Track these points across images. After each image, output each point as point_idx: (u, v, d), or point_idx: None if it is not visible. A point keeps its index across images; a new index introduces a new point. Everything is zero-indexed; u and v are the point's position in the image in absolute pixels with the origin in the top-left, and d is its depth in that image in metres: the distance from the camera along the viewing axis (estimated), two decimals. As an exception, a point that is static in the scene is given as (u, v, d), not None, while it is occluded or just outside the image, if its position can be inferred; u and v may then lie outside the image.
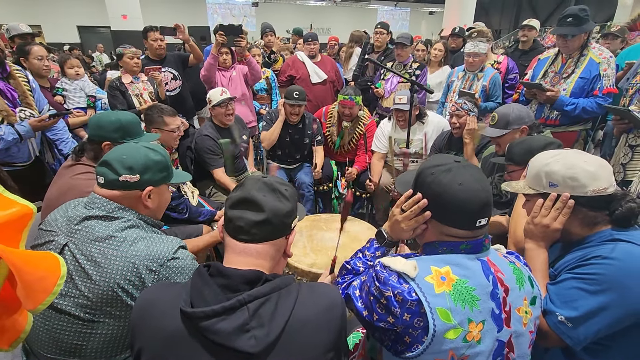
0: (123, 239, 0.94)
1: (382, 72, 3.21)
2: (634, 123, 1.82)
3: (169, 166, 1.11)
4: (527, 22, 3.45)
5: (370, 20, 4.37)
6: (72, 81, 2.91)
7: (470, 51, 2.72)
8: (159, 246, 0.96)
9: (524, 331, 0.81)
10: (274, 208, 0.75)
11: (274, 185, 0.79)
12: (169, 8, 13.85)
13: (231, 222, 0.75)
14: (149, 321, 0.71)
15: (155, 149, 1.08)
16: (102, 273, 0.90)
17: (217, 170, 2.37)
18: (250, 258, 0.75)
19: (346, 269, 1.03)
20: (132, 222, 1.00)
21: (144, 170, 1.02)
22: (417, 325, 0.73)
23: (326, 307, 0.74)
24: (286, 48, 4.49)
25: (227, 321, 0.65)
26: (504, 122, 1.76)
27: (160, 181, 1.08)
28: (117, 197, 1.01)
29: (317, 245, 1.81)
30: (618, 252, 0.87)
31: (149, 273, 0.92)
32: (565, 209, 0.94)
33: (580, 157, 0.95)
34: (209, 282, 0.70)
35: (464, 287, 0.76)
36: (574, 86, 2.18)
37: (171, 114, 1.97)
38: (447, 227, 0.83)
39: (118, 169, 1.00)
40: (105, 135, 1.43)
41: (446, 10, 9.51)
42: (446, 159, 0.86)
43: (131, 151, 1.03)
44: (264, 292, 0.69)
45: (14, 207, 0.70)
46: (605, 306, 0.84)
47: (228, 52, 2.97)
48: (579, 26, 2.09)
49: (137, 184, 1.01)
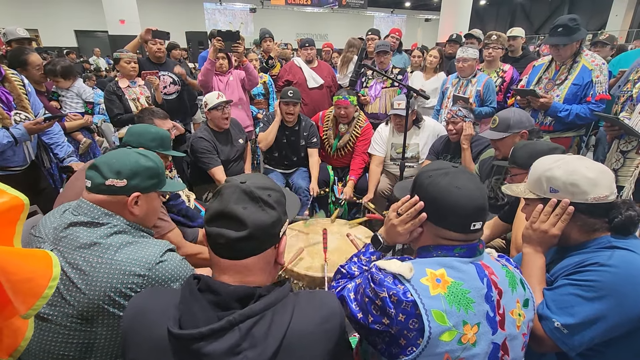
0: (108, 246, 0.91)
1: (364, 80, 3.25)
2: (624, 129, 1.85)
3: (161, 174, 1.08)
4: (510, 33, 3.52)
5: (366, 27, 4.46)
6: (67, 90, 2.90)
7: (460, 56, 2.76)
8: (145, 250, 0.93)
9: (517, 334, 0.82)
10: (256, 221, 0.67)
11: (255, 193, 0.69)
12: (166, 13, 13.91)
13: (211, 238, 0.69)
14: (140, 330, 0.68)
15: (148, 156, 1.05)
16: (89, 282, 0.87)
17: (216, 169, 2.31)
18: (239, 275, 0.69)
19: (341, 273, 1.03)
20: (119, 228, 0.97)
21: (132, 175, 0.99)
22: (412, 326, 0.73)
23: (325, 317, 0.71)
24: (285, 55, 4.52)
25: (217, 343, 0.61)
26: (505, 125, 1.77)
27: (149, 188, 1.04)
28: (103, 202, 0.97)
29: (313, 248, 1.81)
30: (615, 259, 0.87)
31: (137, 278, 0.89)
32: (565, 215, 0.94)
33: (582, 163, 0.94)
34: (198, 298, 0.65)
35: (459, 290, 0.76)
36: (567, 92, 2.21)
37: (162, 117, 1.97)
38: (442, 230, 0.84)
39: (105, 173, 0.97)
40: (142, 142, 1.53)
41: (442, 17, 9.63)
42: (444, 164, 0.88)
43: (122, 156, 1.01)
44: (256, 311, 0.64)
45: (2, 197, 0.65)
46: (602, 313, 0.84)
47: (225, 57, 2.99)
48: (569, 36, 2.12)
49: (123, 189, 0.98)
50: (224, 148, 2.46)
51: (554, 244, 1.01)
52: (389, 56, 3.16)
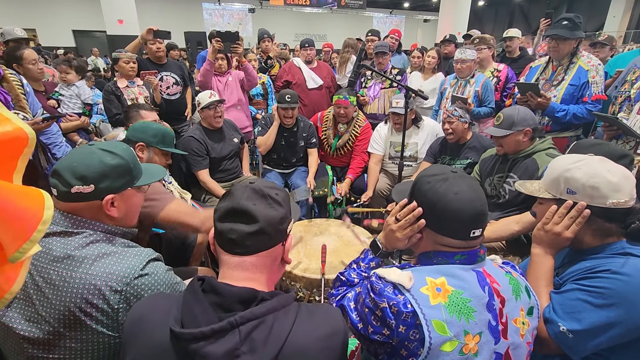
0: (82, 258, 0.84)
1: (363, 81, 3.26)
2: (623, 129, 1.85)
3: (133, 168, 0.97)
4: (506, 34, 3.52)
5: (365, 28, 4.47)
6: (68, 87, 2.91)
7: (458, 58, 2.77)
8: (124, 263, 0.85)
9: (521, 342, 0.80)
10: (266, 216, 0.70)
11: (264, 191, 0.73)
12: (165, 13, 13.87)
13: (222, 236, 0.71)
14: (140, 335, 0.68)
15: (114, 151, 0.94)
16: (58, 294, 0.82)
17: (201, 172, 2.38)
18: (246, 272, 0.71)
19: (340, 281, 1.02)
20: (94, 237, 0.89)
21: (99, 178, 0.89)
22: (413, 337, 0.72)
23: (326, 335, 0.69)
24: (284, 55, 4.51)
25: (216, 344, 0.61)
26: (509, 122, 1.77)
27: (122, 187, 0.95)
28: (76, 210, 0.89)
29: (310, 250, 1.81)
30: (629, 267, 0.84)
31: (113, 294, 0.82)
32: (580, 219, 0.90)
33: (604, 165, 0.90)
34: (201, 299, 0.66)
35: (460, 299, 0.75)
36: (564, 93, 2.22)
37: (148, 109, 1.98)
38: (442, 237, 0.83)
39: (69, 180, 0.86)
40: (144, 138, 1.53)
41: (440, 18, 9.66)
42: (443, 169, 0.87)
43: (83, 157, 0.90)
44: (258, 314, 0.64)
45: (6, 126, 0.59)
46: (610, 321, 0.82)
47: (224, 58, 2.99)
48: (573, 31, 2.14)
49: (93, 195, 0.89)
50: (216, 146, 2.47)
51: (565, 246, 0.98)
52: (387, 57, 3.16)
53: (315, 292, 1.59)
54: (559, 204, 0.95)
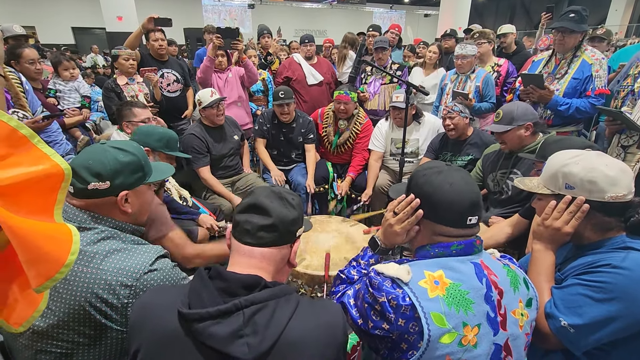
0: (94, 254, 0.87)
1: (363, 76, 3.24)
2: (627, 124, 1.84)
3: (144, 165, 1.02)
4: (500, 31, 3.49)
5: (365, 23, 4.43)
6: (66, 82, 2.90)
7: (459, 53, 2.76)
8: (134, 259, 0.89)
9: (520, 334, 0.81)
10: (280, 214, 0.77)
11: (282, 194, 0.81)
12: (164, 9, 13.80)
13: (238, 226, 0.77)
14: (147, 321, 0.71)
15: (125, 149, 0.99)
16: (70, 288, 0.84)
17: (202, 169, 2.39)
18: (254, 260, 0.75)
19: (340, 279, 1.03)
20: (106, 234, 0.92)
21: (114, 175, 0.93)
22: (412, 330, 0.73)
23: (326, 324, 0.72)
24: (283, 50, 4.49)
25: (221, 325, 0.65)
26: (509, 118, 1.77)
27: (136, 183, 0.99)
28: (90, 206, 0.93)
29: (312, 246, 1.81)
30: (629, 262, 0.85)
31: (123, 288, 0.85)
32: (579, 213, 0.91)
33: (602, 160, 0.91)
34: (207, 285, 0.70)
35: (458, 291, 0.75)
36: (567, 86, 2.20)
37: (141, 106, 1.98)
38: (439, 226, 0.84)
39: (85, 177, 0.91)
40: (149, 142, 1.57)
41: (441, 13, 9.58)
42: (438, 164, 0.92)
43: (98, 155, 0.94)
44: (261, 299, 0.68)
45: (40, 165, 0.61)
46: (611, 315, 0.83)
47: (224, 55, 2.98)
48: (579, 23, 2.11)
49: (108, 191, 0.94)
50: (217, 144, 2.47)
51: (565, 241, 0.98)
52: (387, 52, 3.14)
53: (317, 288, 1.60)
54: (558, 199, 0.96)
